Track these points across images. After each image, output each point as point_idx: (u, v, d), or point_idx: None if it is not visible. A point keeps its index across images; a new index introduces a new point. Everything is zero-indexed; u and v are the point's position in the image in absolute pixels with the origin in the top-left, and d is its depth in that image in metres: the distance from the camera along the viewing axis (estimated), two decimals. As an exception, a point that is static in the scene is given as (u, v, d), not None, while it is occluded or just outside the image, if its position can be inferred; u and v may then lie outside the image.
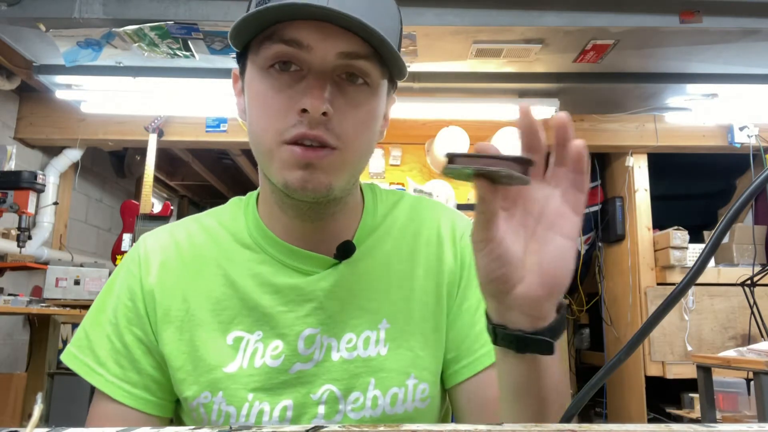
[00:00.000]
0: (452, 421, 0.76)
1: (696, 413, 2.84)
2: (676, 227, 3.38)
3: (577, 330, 4.25)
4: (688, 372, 3.14)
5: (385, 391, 0.64)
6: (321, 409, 0.63)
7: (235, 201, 0.73)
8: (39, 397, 0.39)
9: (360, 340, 0.65)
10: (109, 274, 3.62)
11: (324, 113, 0.55)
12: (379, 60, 0.58)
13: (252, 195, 0.72)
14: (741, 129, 3.51)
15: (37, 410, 0.38)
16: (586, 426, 0.37)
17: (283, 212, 0.65)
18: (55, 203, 3.52)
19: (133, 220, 3.47)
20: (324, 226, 0.66)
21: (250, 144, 0.62)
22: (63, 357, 0.67)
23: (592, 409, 3.91)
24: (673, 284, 3.29)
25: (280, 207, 0.65)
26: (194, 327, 0.65)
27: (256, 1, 0.58)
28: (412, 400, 0.65)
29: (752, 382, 1.95)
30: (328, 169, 0.57)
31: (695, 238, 3.46)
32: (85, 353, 0.66)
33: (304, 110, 0.55)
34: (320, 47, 0.55)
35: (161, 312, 0.66)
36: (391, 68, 0.60)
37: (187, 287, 0.66)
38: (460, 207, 2.79)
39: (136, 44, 2.60)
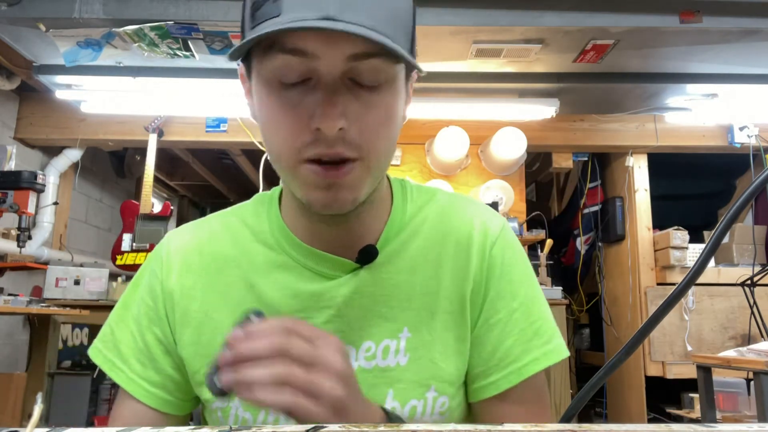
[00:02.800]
0: None
1: (696, 413, 2.84)
2: (676, 227, 3.38)
3: (577, 330, 4.25)
4: (688, 372, 3.14)
5: (404, 402, 0.62)
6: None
7: (258, 198, 0.71)
8: (39, 397, 0.39)
9: (379, 349, 0.63)
10: (110, 275, 3.57)
11: (340, 128, 0.52)
12: (390, 52, 0.53)
13: (276, 192, 0.70)
14: (741, 129, 3.51)
15: (37, 410, 0.38)
16: (586, 426, 0.37)
17: (306, 217, 0.63)
18: (55, 203, 3.52)
19: (133, 220, 3.47)
20: (349, 228, 0.63)
21: (268, 155, 0.60)
22: (90, 352, 0.68)
23: (592, 409, 3.91)
24: (673, 284, 3.29)
25: (302, 212, 0.63)
26: (212, 330, 0.64)
27: (251, 4, 0.54)
28: (431, 413, 0.63)
29: (752, 382, 1.95)
30: (351, 184, 0.55)
31: (695, 238, 3.46)
32: (109, 349, 0.67)
33: (319, 128, 0.52)
34: (327, 54, 0.51)
35: (180, 313, 0.65)
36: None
37: (206, 289, 0.65)
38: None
39: (136, 44, 2.60)
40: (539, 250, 3.30)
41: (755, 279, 2.29)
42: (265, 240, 0.66)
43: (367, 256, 0.63)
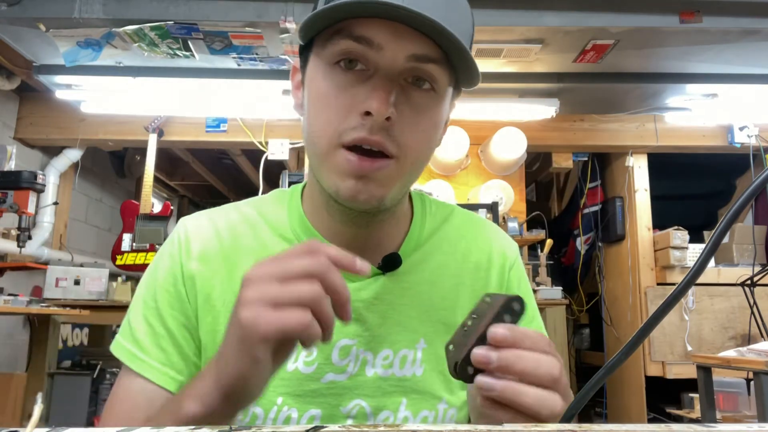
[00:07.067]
0: None
1: (696, 413, 2.84)
2: (676, 227, 3.38)
3: (577, 330, 4.25)
4: (688, 372, 3.13)
5: (416, 413, 0.63)
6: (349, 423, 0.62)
7: (277, 193, 0.71)
8: (39, 397, 0.39)
9: (397, 357, 0.63)
10: (109, 274, 3.55)
11: (388, 118, 0.52)
12: (448, 65, 0.55)
13: (297, 188, 0.69)
14: (741, 129, 3.51)
15: (37, 410, 0.38)
16: (586, 426, 0.37)
17: (330, 215, 0.62)
18: (55, 203, 3.52)
19: (133, 220, 3.47)
20: (370, 234, 0.63)
21: (304, 142, 0.60)
22: (112, 348, 0.65)
23: (592, 409, 3.91)
24: (673, 284, 3.29)
25: (327, 210, 0.62)
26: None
27: None
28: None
29: (752, 382, 1.95)
30: (382, 181, 0.55)
31: (695, 238, 3.46)
32: (129, 341, 0.64)
33: (368, 113, 0.52)
34: (391, 47, 0.52)
35: (202, 298, 0.63)
36: (461, 74, 0.57)
37: (226, 279, 0.64)
38: (460, 206, 2.79)
39: (136, 44, 2.60)
40: (539, 250, 3.30)
41: (755, 279, 2.30)
42: (284, 233, 0.65)
43: (390, 263, 0.63)
